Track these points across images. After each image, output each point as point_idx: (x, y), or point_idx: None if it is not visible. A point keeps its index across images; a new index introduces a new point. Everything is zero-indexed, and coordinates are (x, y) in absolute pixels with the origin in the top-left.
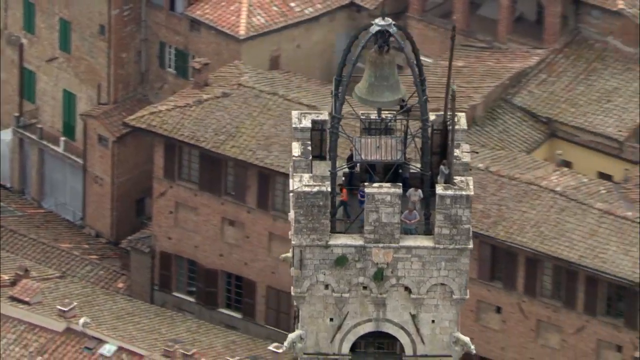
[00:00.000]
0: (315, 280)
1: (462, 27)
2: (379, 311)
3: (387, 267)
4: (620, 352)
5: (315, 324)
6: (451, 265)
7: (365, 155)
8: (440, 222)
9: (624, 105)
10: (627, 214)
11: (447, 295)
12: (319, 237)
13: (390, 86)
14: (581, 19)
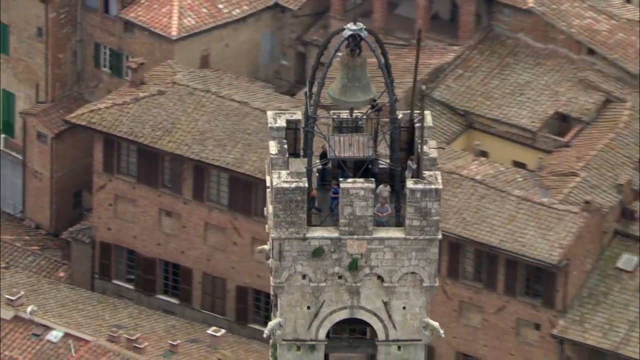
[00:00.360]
0: (293, 271)
1: (381, 26)
2: (354, 299)
3: (361, 258)
4: (538, 330)
5: (293, 312)
6: (421, 255)
7: (338, 152)
8: (411, 215)
9: (536, 97)
10: (543, 200)
11: (417, 283)
12: (297, 230)
13: (362, 87)
14: (494, 17)
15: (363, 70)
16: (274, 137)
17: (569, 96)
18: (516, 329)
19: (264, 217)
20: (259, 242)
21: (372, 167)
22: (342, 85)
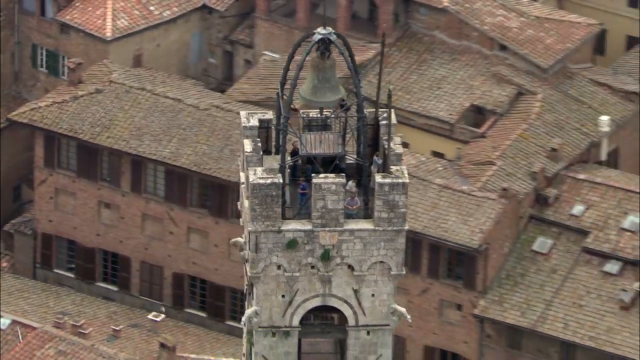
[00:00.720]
0: (269, 262)
1: (304, 25)
2: (326, 287)
3: (333, 248)
4: (460, 310)
5: (269, 301)
6: (389, 245)
7: (309, 149)
8: (379, 207)
9: (452, 91)
10: (463, 187)
11: (385, 272)
12: (272, 224)
13: (331, 87)
14: (410, 16)
15: (332, 71)
16: (247, 136)
17: (483, 89)
18: (439, 309)
19: (199, 208)
20: (195, 231)
21: (339, 162)
22: (313, 86)
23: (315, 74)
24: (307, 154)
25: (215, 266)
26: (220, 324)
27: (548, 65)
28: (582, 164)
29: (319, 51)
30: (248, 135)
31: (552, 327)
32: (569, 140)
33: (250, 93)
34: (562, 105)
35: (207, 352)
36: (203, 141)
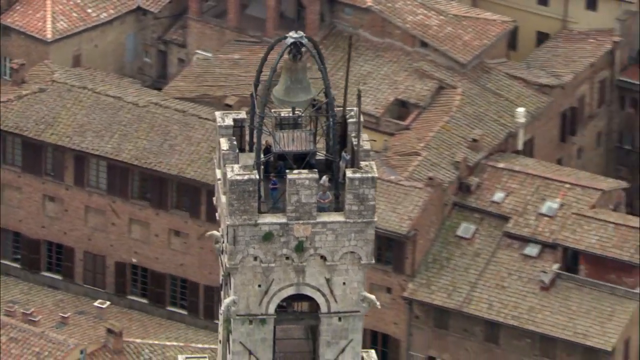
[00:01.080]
0: (246, 254)
1: (234, 25)
2: (299, 277)
3: (306, 240)
4: (390, 293)
5: (246, 290)
6: (359, 236)
7: (283, 147)
8: (350, 201)
9: (378, 86)
10: (391, 177)
11: (355, 261)
12: (250, 217)
13: (303, 88)
14: (336, 15)
15: (304, 73)
16: (222, 135)
17: (406, 84)
18: (370, 293)
19: (140, 200)
20: (136, 222)
21: (310, 159)
22: (286, 87)
23: (287, 75)
24: (280, 151)
25: (155, 255)
26: (161, 310)
27: (466, 61)
28: (501, 153)
29: (291, 54)
30: (223, 134)
31: (477, 308)
32: (488, 131)
33: (186, 90)
34: (480, 98)
35: (152, 336)
36: (143, 137)
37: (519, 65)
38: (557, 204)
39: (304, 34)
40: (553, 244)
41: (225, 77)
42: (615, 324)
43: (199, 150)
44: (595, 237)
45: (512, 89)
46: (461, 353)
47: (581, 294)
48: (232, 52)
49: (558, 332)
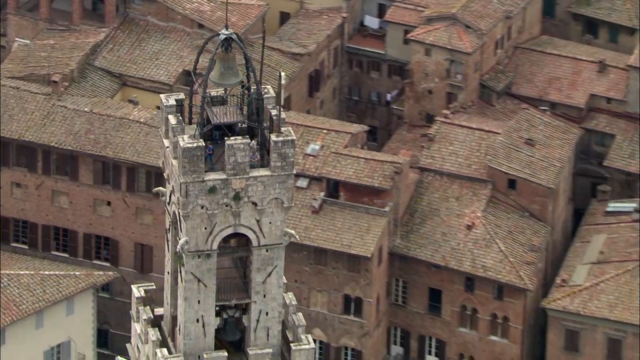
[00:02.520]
0: (195, 204)
1: (46, 17)
2: (236, 219)
3: (242, 191)
4: None
5: (195, 233)
6: (282, 186)
7: (219, 119)
8: (275, 159)
9: (168, 61)
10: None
11: (279, 205)
12: (198, 176)
13: (234, 73)
14: (128, 6)
15: (234, 61)
16: (168, 112)
17: (190, 58)
18: None
19: None
20: None
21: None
22: (220, 72)
23: (221, 63)
24: (217, 122)
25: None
26: (6, 245)
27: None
28: None
29: (223, 47)
30: (169, 112)
31: None
32: None
33: (15, 71)
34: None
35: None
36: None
37: (273, 38)
38: (319, 145)
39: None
40: (318, 177)
41: (45, 59)
42: (372, 235)
43: (33, 119)
44: (351, 170)
45: (272, 57)
46: None
47: (343, 214)
48: (46, 39)
49: (328, 245)
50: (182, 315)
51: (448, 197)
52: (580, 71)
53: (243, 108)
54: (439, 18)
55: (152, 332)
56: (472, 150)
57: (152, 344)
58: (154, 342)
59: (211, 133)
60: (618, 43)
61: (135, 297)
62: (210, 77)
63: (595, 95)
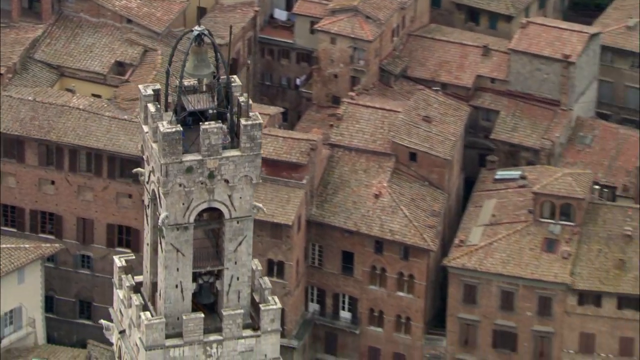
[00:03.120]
0: (174, 182)
1: None
2: (210, 195)
3: (215, 170)
4: (131, 198)
5: (174, 208)
6: (251, 165)
7: (194, 106)
8: (244, 140)
9: (101, 53)
10: (125, 117)
11: (249, 182)
12: (176, 157)
13: (206, 65)
14: (63, 4)
15: (205, 55)
16: (147, 101)
17: (121, 50)
18: (116, 199)
19: None
20: None
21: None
22: (194, 64)
23: (194, 56)
24: (193, 109)
25: None
26: None
27: (161, 30)
28: None
29: (197, 42)
30: (148, 101)
31: None
32: None
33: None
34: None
35: None
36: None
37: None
38: None
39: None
40: None
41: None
42: (291, 205)
43: None
44: (271, 147)
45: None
46: None
47: (265, 187)
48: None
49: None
50: (163, 281)
51: (357, 170)
52: (467, 55)
53: (214, 96)
54: (342, 10)
55: (135, 297)
56: (376, 127)
57: (135, 308)
58: (137, 306)
59: (184, 119)
60: (497, 29)
61: (117, 266)
62: (186, 69)
63: (480, 76)
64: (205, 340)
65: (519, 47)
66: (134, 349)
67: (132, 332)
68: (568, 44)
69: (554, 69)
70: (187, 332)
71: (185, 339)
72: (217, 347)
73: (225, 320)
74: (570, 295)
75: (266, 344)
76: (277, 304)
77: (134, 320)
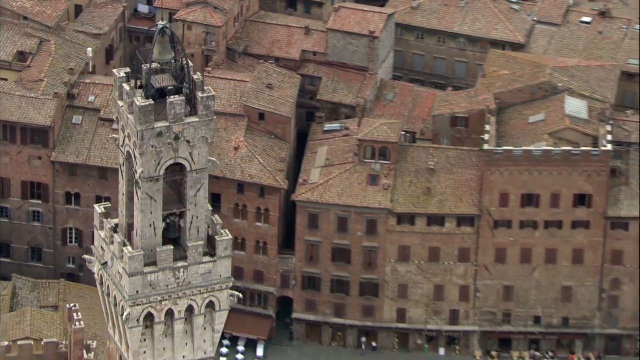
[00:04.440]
0: (148, 144)
1: None
2: (176, 153)
3: (180, 133)
4: (40, 160)
5: (148, 164)
6: (207, 128)
7: (159, 84)
8: (201, 109)
9: (5, 44)
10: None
11: (205, 141)
12: (150, 125)
13: (168, 51)
14: None
15: (168, 44)
16: (121, 82)
17: (21, 42)
18: (29, 161)
19: None
20: None
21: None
22: (159, 51)
23: (159, 45)
24: (159, 86)
25: None
26: None
27: (52, 24)
28: (90, 75)
29: (161, 33)
30: (121, 81)
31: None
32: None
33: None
34: (63, 46)
35: None
36: None
37: (77, 25)
38: None
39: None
40: None
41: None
42: None
43: None
44: None
45: (79, 37)
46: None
47: None
48: None
49: None
50: (140, 222)
51: (219, 129)
52: (293, 34)
53: (174, 76)
54: (195, 3)
55: (116, 236)
56: (230, 94)
57: (117, 245)
58: (120, 242)
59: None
60: (311, 13)
61: (98, 212)
62: (154, 55)
63: (305, 50)
64: (174, 267)
65: (334, 26)
66: (116, 276)
67: (114, 264)
68: (372, 23)
69: (362, 42)
70: (160, 260)
71: (159, 266)
72: (184, 271)
73: (190, 250)
74: (391, 218)
75: (221, 267)
76: (229, 236)
77: (117, 254)
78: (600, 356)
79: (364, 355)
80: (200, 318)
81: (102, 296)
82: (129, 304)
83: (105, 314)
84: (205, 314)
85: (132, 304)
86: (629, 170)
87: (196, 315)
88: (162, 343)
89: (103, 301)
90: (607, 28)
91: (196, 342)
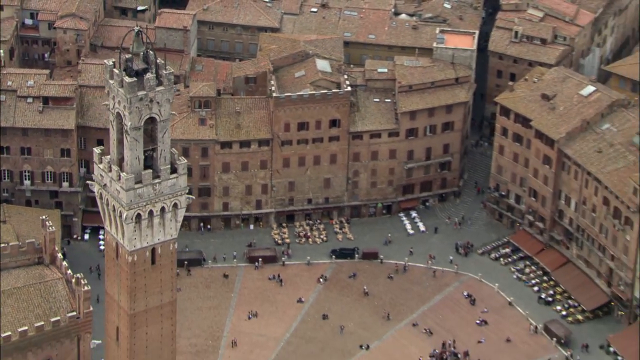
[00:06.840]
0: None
1: None
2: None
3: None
4: None
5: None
6: (169, 93)
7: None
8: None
9: None
10: None
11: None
12: (135, 94)
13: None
14: None
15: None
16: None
17: None
18: None
19: None
20: None
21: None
22: (136, 47)
23: (136, 41)
24: (137, 68)
25: None
26: None
27: None
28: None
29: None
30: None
31: None
32: None
33: None
34: None
35: None
36: None
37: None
38: None
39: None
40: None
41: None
42: None
43: None
44: (53, 90)
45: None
46: None
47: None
48: None
49: None
50: (129, 157)
51: (96, 97)
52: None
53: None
54: (67, 15)
55: (114, 167)
56: (100, 74)
57: (115, 172)
58: (116, 171)
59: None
60: (137, 18)
61: (96, 153)
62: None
63: None
64: (153, 183)
65: (159, 25)
66: (114, 193)
67: (112, 184)
68: (184, 21)
69: (179, 34)
70: (144, 180)
71: (144, 183)
72: (158, 186)
73: (161, 172)
74: (216, 145)
75: (181, 180)
76: (185, 161)
77: (114, 178)
78: (348, 219)
79: (203, 234)
80: (169, 214)
81: (101, 206)
82: (126, 209)
83: (103, 216)
84: (171, 211)
85: (128, 209)
86: (358, 102)
87: (166, 212)
88: (145, 231)
89: (102, 209)
90: (327, 14)
91: (166, 229)
